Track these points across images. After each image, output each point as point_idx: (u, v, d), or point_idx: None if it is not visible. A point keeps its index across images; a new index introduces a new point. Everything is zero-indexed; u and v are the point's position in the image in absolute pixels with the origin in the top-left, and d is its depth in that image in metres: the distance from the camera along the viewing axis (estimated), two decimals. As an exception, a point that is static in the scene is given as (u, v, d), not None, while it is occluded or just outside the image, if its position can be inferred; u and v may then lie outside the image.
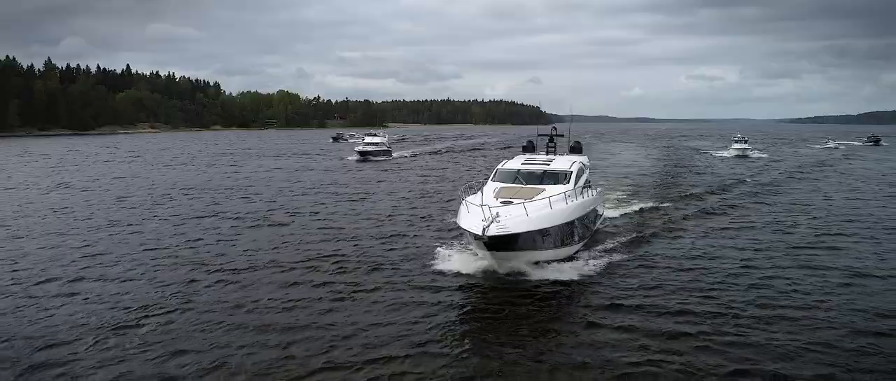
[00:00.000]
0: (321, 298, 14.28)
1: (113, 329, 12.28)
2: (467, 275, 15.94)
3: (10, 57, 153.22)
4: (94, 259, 18.23)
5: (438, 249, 18.69)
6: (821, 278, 15.87)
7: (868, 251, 19.28)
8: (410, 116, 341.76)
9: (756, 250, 19.27)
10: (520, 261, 16.02)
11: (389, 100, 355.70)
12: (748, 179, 41.24)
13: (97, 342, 11.68)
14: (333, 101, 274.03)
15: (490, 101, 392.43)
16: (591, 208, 20.76)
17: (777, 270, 16.73)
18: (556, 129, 26.70)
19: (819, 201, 30.77)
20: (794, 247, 19.64)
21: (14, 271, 16.98)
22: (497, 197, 17.60)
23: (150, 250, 19.52)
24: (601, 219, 23.75)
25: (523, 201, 16.53)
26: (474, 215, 15.35)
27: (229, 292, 14.80)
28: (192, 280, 15.68)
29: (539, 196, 17.51)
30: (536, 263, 16.34)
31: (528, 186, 19.15)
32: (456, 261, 17.14)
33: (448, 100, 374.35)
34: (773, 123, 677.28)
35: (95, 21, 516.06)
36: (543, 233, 16.07)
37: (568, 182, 19.36)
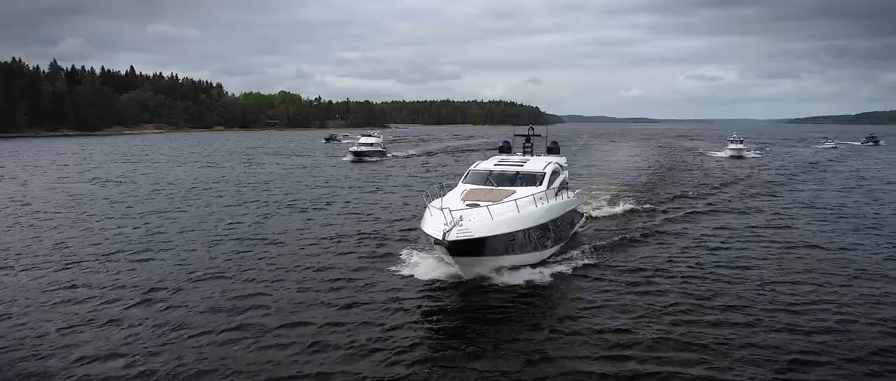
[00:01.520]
0: (290, 299, 14.30)
1: (187, 282, 15.93)
2: (432, 281, 15.47)
3: (17, 58, 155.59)
4: (153, 236, 22.02)
5: (406, 253, 18.13)
6: (803, 282, 15.62)
7: (861, 257, 18.46)
8: (410, 117, 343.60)
9: (739, 253, 18.85)
10: (486, 267, 15.33)
11: (389, 101, 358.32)
12: (740, 181, 41.09)
13: (177, 292, 15.08)
14: (334, 101, 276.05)
15: (489, 101, 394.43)
16: (568, 210, 20.06)
17: (759, 274, 16.42)
18: (532, 129, 25.90)
19: (812, 203, 30.50)
20: (778, 250, 19.31)
21: (92, 244, 20.75)
22: (464, 199, 17.09)
23: (199, 229, 23.32)
24: (582, 221, 23.10)
25: (490, 203, 15.89)
26: (437, 218, 14.71)
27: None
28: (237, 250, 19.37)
29: (508, 199, 16.74)
30: (505, 268, 15.63)
31: (499, 188, 18.48)
32: (422, 266, 16.48)
33: (448, 101, 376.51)
34: (772, 123, 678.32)
35: (95, 21, 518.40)
36: (510, 237, 15.37)
37: (540, 184, 18.81)
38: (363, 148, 64.09)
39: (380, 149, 66.83)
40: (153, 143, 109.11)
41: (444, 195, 17.75)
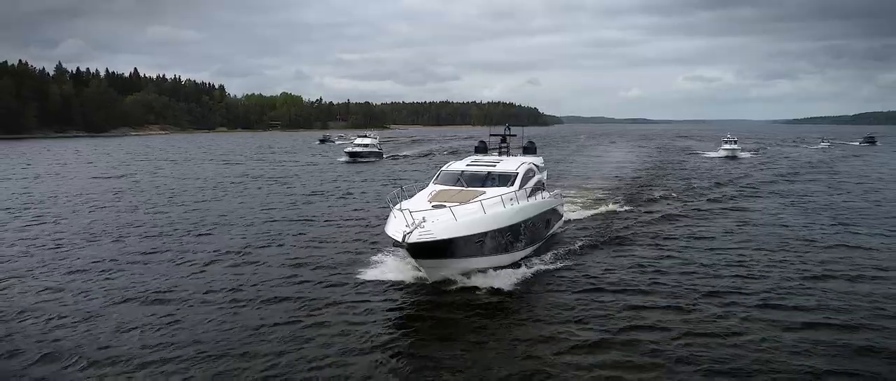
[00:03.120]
0: (252, 299, 14.39)
1: (243, 249, 20.07)
2: (397, 282, 15.32)
3: (23, 61, 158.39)
4: (201, 220, 25.99)
5: (377, 255, 17.97)
6: (781, 287, 15.17)
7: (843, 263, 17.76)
8: (410, 118, 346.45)
9: (716, 256, 18.46)
10: (451, 269, 14.97)
11: (389, 102, 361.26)
12: (730, 181, 41.03)
13: (239, 258, 18.79)
14: (335, 102, 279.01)
15: (488, 102, 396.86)
16: (543, 211, 19.73)
17: (735, 278, 16.05)
18: (509, 128, 25.64)
19: (799, 204, 30.42)
20: (755, 253, 18.90)
21: (154, 225, 24.55)
22: (431, 200, 16.80)
23: (237, 214, 27.36)
24: (560, 223, 22.83)
25: (455, 204, 15.56)
26: (400, 220, 14.47)
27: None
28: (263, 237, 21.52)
29: (475, 199, 16.31)
30: (472, 270, 15.36)
31: (470, 188, 18.10)
32: (389, 268, 16.34)
33: (447, 102, 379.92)
34: (770, 123, 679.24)
35: (95, 23, 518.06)
36: (476, 238, 14.99)
37: (512, 185, 18.37)
38: (358, 149, 64.70)
39: (375, 150, 67.26)
40: (165, 143, 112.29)
41: (412, 196, 17.62)
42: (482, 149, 25.37)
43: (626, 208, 28.00)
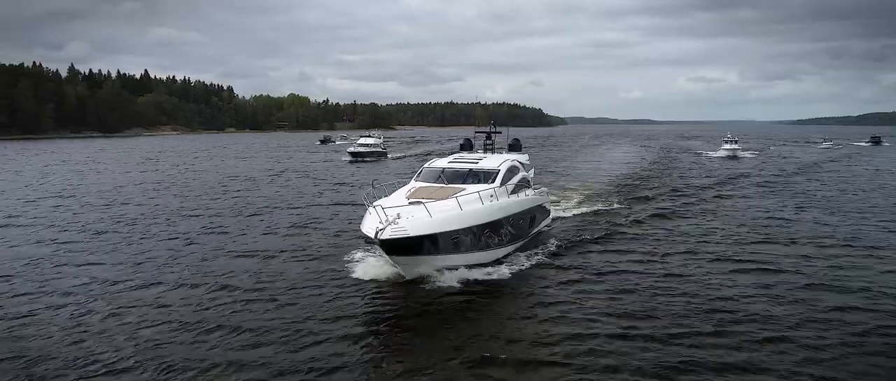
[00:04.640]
0: (234, 301, 13.99)
1: (295, 226, 23.99)
2: (373, 280, 15.17)
3: (37, 63, 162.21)
4: (245, 206, 29.86)
5: (354, 252, 17.91)
6: (763, 286, 14.93)
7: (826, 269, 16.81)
8: (415, 119, 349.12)
9: (701, 255, 18.21)
10: (427, 266, 14.82)
11: (393, 103, 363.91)
12: (727, 179, 41.16)
13: (287, 237, 21.89)
14: (341, 103, 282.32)
15: (493, 103, 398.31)
16: (526, 208, 19.69)
17: (716, 277, 15.76)
18: (494, 126, 25.58)
19: (791, 202, 30.10)
20: (740, 252, 18.55)
21: (210, 209, 28.80)
22: (409, 197, 16.55)
23: (268, 199, 32.24)
24: (547, 220, 22.79)
25: (432, 201, 15.47)
26: (374, 217, 14.36)
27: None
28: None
29: (453, 196, 16.18)
30: (451, 267, 15.15)
31: (450, 185, 17.95)
32: (368, 266, 16.10)
33: (451, 103, 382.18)
34: (774, 124, 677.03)
35: (96, 25, 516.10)
36: (452, 235, 14.90)
37: (493, 181, 18.30)
38: (361, 149, 65.74)
39: (379, 149, 68.29)
40: (180, 143, 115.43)
41: (392, 194, 17.61)
42: (467, 146, 25.39)
43: (619, 205, 28.06)
